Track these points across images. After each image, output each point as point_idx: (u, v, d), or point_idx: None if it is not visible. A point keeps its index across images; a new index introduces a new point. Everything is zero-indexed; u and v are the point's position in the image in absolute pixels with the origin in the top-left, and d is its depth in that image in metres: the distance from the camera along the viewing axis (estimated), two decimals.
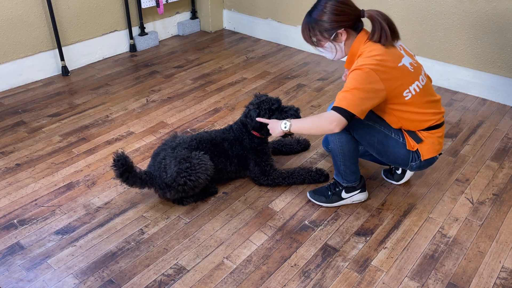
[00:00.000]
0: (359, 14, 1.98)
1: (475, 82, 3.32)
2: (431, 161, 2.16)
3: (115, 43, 4.05)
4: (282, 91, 3.46)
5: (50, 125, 3.02)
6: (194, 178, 2.15)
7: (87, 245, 2.08)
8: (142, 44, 4.18)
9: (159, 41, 4.38)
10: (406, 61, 1.98)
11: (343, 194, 2.27)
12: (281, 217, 2.25)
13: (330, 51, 2.06)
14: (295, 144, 2.70)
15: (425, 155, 2.11)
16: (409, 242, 2.10)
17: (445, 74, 3.44)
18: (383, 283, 1.90)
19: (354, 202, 2.31)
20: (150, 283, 1.90)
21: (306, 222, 2.22)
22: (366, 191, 2.32)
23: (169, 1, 4.23)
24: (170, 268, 1.97)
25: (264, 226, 2.19)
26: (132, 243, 2.10)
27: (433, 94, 2.09)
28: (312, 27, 2.01)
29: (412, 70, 1.98)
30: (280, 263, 2.00)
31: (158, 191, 2.26)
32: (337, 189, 2.27)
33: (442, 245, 2.08)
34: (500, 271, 1.96)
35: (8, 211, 2.28)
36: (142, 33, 4.16)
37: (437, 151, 2.14)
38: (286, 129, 2.07)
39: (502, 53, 3.14)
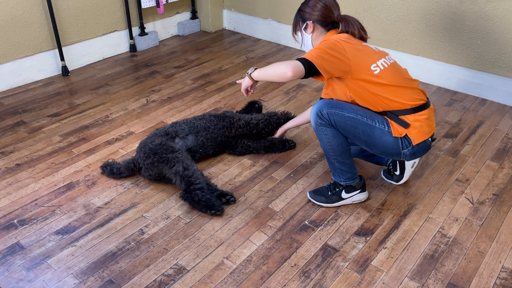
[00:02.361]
0: (333, 16, 2.18)
1: (475, 82, 3.32)
2: (424, 146, 2.15)
3: (115, 43, 4.05)
4: (282, 91, 3.46)
5: (50, 125, 3.02)
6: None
7: (87, 245, 2.08)
8: (142, 44, 4.18)
9: (159, 41, 4.38)
10: (370, 45, 2.14)
11: (343, 194, 2.27)
12: (281, 217, 2.25)
13: (299, 40, 2.28)
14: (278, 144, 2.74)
15: (415, 139, 2.10)
16: (409, 242, 2.10)
17: (445, 74, 3.44)
18: (383, 283, 1.90)
19: (354, 202, 2.31)
20: (150, 283, 1.90)
21: (306, 222, 2.22)
22: (366, 191, 2.32)
23: (169, 1, 4.23)
24: (170, 268, 1.97)
25: (264, 226, 2.19)
26: (132, 243, 2.10)
27: (407, 74, 2.18)
28: (296, 16, 2.26)
29: (377, 51, 2.14)
30: (280, 263, 2.00)
31: (141, 156, 2.41)
32: (337, 189, 2.27)
33: (442, 245, 2.08)
34: (500, 271, 1.96)
35: (8, 211, 2.28)
36: (142, 33, 4.16)
37: (427, 134, 2.13)
38: (249, 73, 2.20)
39: (502, 53, 3.15)
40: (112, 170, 2.47)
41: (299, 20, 2.24)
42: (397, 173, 2.41)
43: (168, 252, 2.05)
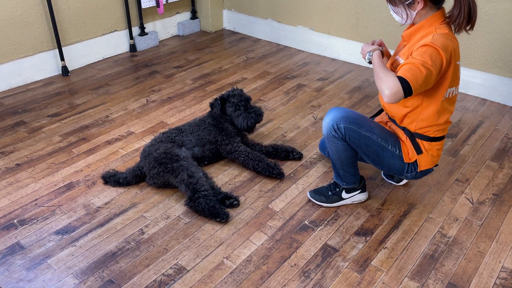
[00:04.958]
0: None
1: (475, 82, 3.32)
2: (426, 172, 2.17)
3: (115, 43, 4.05)
4: (282, 91, 3.46)
5: (50, 125, 3.02)
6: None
7: (87, 245, 2.08)
8: (142, 44, 4.18)
9: (159, 41, 4.38)
10: (459, 63, 1.97)
11: (343, 194, 2.27)
12: (281, 217, 2.25)
13: (399, 14, 1.97)
14: (283, 152, 2.67)
15: (422, 166, 2.11)
16: (409, 242, 2.10)
17: None
18: (383, 283, 1.90)
19: (354, 202, 2.31)
20: (150, 283, 1.90)
21: (306, 222, 2.22)
22: (366, 192, 2.32)
23: (169, 1, 4.23)
24: (170, 268, 1.97)
25: (264, 226, 2.19)
26: (132, 243, 2.10)
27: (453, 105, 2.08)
28: None
29: (459, 74, 1.99)
30: (280, 263, 2.00)
31: (146, 166, 2.38)
32: (337, 189, 2.27)
33: (442, 245, 2.08)
34: (500, 271, 1.96)
35: (8, 211, 2.28)
36: (142, 33, 4.16)
37: (434, 163, 2.14)
38: (367, 60, 2.05)
39: (502, 53, 3.15)
40: (118, 180, 2.42)
41: None
42: None
43: (168, 252, 2.05)
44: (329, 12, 3.87)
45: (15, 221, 2.23)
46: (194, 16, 4.60)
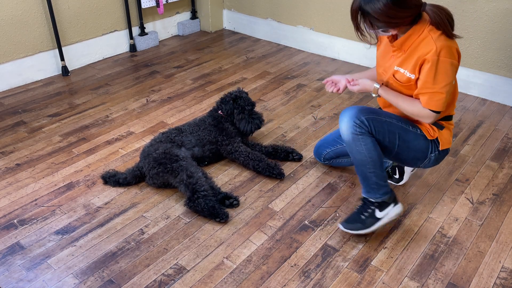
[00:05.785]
0: (419, 11, 1.86)
1: (475, 82, 3.32)
2: (444, 154, 2.12)
3: (115, 43, 4.05)
4: (282, 91, 3.46)
5: (50, 125, 3.02)
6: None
7: (87, 245, 2.08)
8: (142, 44, 4.18)
9: (159, 41, 4.38)
10: None
11: (378, 214, 2.06)
12: (281, 217, 2.25)
13: (371, 36, 1.96)
14: (282, 153, 2.66)
15: (444, 144, 2.07)
16: (409, 242, 2.10)
17: None
18: (383, 283, 1.90)
19: (391, 220, 2.09)
20: (150, 283, 1.90)
21: (306, 222, 2.22)
22: (400, 203, 2.11)
23: (169, 1, 4.24)
24: (170, 268, 1.97)
25: (264, 226, 2.19)
26: (132, 243, 2.10)
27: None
28: (364, 15, 1.86)
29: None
30: (280, 263, 2.00)
31: (146, 166, 2.39)
32: (370, 210, 2.06)
33: (442, 245, 2.08)
34: (500, 271, 1.96)
35: (8, 211, 2.28)
36: (142, 33, 4.16)
37: (450, 142, 2.11)
38: (373, 94, 2.06)
39: (502, 53, 3.15)
40: (118, 181, 2.42)
41: (375, 24, 1.86)
42: (397, 176, 2.42)
43: (168, 252, 2.05)
44: (329, 12, 3.87)
45: (15, 221, 2.23)
46: (194, 16, 4.60)
